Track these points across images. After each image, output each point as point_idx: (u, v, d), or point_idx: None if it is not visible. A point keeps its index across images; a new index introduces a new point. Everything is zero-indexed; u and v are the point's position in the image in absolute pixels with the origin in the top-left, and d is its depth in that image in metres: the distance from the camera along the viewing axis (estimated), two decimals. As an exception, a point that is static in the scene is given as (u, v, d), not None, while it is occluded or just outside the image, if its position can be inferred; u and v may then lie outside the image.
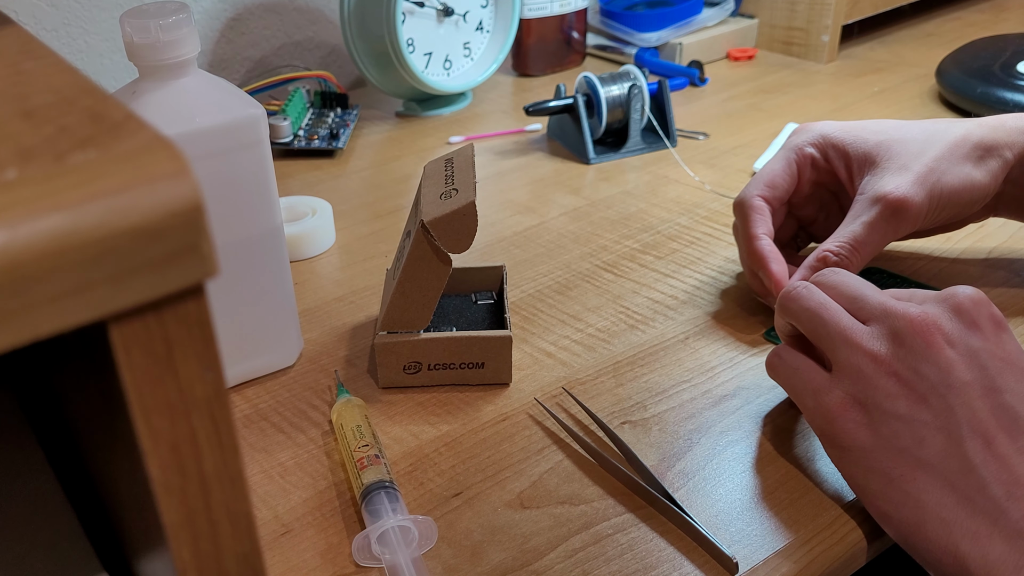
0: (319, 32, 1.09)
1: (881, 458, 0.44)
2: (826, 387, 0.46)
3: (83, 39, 0.93)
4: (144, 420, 0.22)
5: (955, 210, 0.60)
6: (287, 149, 0.90)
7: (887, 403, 0.44)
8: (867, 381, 0.45)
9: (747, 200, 0.61)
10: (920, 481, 0.43)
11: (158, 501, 0.23)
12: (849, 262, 0.57)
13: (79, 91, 0.24)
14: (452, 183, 0.54)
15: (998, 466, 0.41)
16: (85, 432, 0.33)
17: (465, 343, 0.55)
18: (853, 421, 0.45)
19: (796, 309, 0.49)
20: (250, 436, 0.54)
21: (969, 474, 0.42)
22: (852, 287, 0.48)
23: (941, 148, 0.59)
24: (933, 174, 0.58)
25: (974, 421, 0.42)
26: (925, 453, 0.43)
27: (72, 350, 0.27)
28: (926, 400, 0.43)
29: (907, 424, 0.43)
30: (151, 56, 0.48)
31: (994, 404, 0.43)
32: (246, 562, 0.25)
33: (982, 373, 0.43)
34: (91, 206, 0.19)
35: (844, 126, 0.63)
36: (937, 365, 0.43)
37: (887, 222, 0.57)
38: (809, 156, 0.63)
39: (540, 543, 0.46)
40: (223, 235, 0.52)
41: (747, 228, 0.61)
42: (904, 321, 0.45)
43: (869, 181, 0.59)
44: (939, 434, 0.43)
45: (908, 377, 0.44)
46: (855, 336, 0.46)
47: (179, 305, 0.21)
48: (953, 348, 0.44)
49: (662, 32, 1.11)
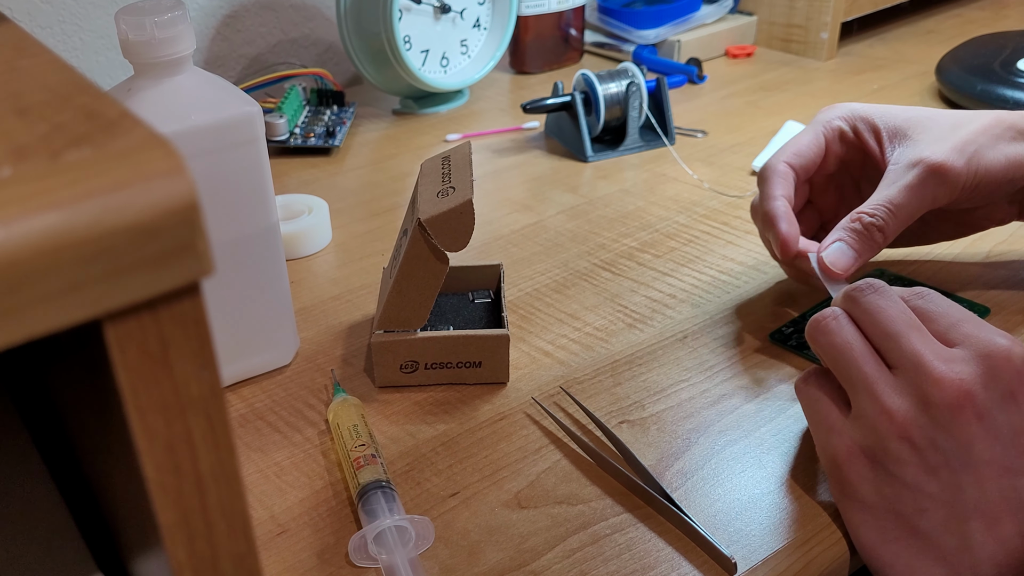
0: (315, 29, 1.09)
1: (878, 515, 0.43)
2: (839, 429, 0.45)
3: (78, 36, 0.93)
4: (139, 419, 0.22)
5: (991, 189, 0.57)
6: (283, 147, 0.90)
7: (894, 466, 0.42)
8: (879, 438, 0.42)
9: (773, 165, 0.59)
10: (914, 547, 0.42)
11: (153, 501, 0.23)
12: (885, 225, 0.54)
13: (74, 89, 0.24)
14: (449, 181, 0.54)
15: (996, 548, 0.40)
16: (80, 431, 0.33)
17: (462, 342, 0.55)
18: (857, 473, 0.43)
19: (824, 344, 0.46)
20: (246, 435, 0.53)
21: (964, 552, 0.40)
22: (888, 320, 0.44)
23: (976, 126, 0.57)
24: (971, 145, 0.56)
25: (982, 502, 0.40)
26: (924, 523, 0.41)
27: (67, 349, 0.27)
28: (936, 472, 0.41)
29: (911, 491, 0.42)
30: (146, 53, 0.48)
31: (1008, 486, 0.41)
32: (242, 562, 0.25)
33: (1004, 452, 0.41)
34: (86, 204, 0.19)
35: (872, 105, 0.61)
36: (958, 440, 0.41)
37: (925, 186, 0.55)
38: (838, 129, 0.61)
39: (538, 543, 0.46)
40: (218, 233, 0.52)
41: (765, 189, 0.59)
42: (935, 387, 0.41)
43: (903, 151, 0.57)
44: (942, 509, 0.41)
45: (923, 445, 0.41)
46: (877, 388, 0.43)
47: (175, 304, 0.21)
48: (980, 422, 0.41)
49: (660, 29, 1.11)
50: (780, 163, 0.60)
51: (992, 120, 0.58)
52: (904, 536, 0.42)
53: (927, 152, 0.55)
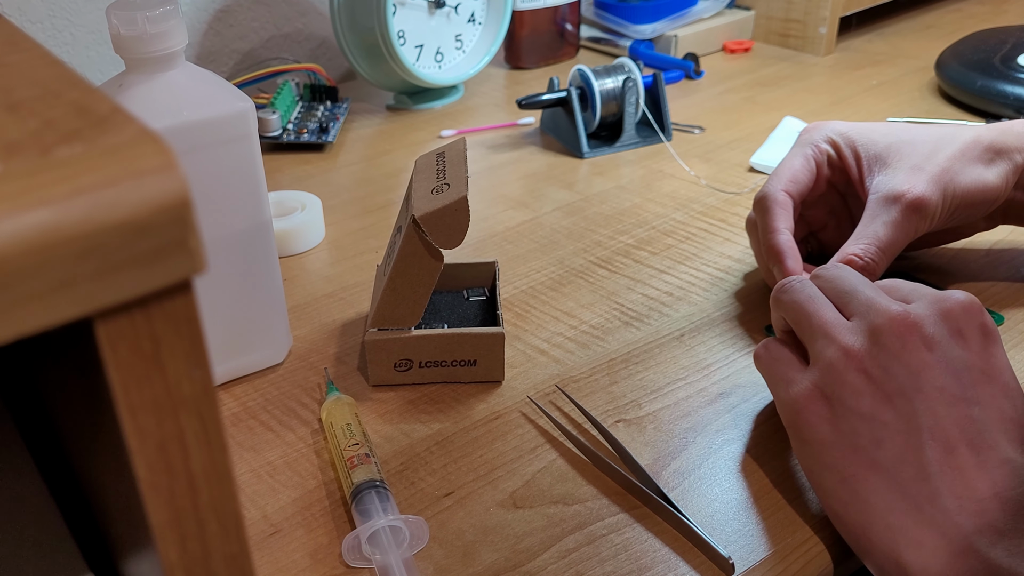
0: (308, 24, 1.08)
1: (836, 454, 0.43)
2: (798, 379, 0.46)
3: (68, 31, 0.92)
4: (131, 418, 0.22)
5: (967, 211, 0.59)
6: (276, 143, 0.89)
7: (851, 399, 0.43)
8: (836, 375, 0.44)
9: (771, 194, 0.60)
10: (872, 482, 0.42)
11: (145, 501, 0.23)
12: (876, 265, 0.56)
13: (65, 84, 0.24)
14: (444, 178, 0.53)
15: (954, 477, 0.40)
16: (71, 431, 0.33)
17: (457, 340, 0.55)
18: (816, 414, 0.44)
19: (786, 301, 0.49)
20: (238, 435, 0.53)
21: (923, 482, 0.40)
22: (847, 281, 0.48)
23: (953, 150, 0.58)
24: (947, 174, 0.57)
25: (936, 429, 0.41)
26: (881, 455, 0.42)
27: (57, 347, 0.27)
28: (891, 401, 0.42)
29: (868, 423, 0.43)
30: (138, 49, 0.48)
31: (962, 415, 0.41)
32: (234, 563, 0.25)
33: (956, 381, 0.42)
34: (77, 201, 0.19)
35: (854, 126, 0.62)
36: (909, 367, 0.42)
37: (909, 221, 0.56)
38: (826, 152, 0.62)
39: (533, 543, 0.45)
40: (211, 230, 0.51)
41: (768, 222, 0.59)
42: (884, 318, 0.44)
43: (881, 180, 0.59)
44: (898, 437, 0.42)
45: (877, 375, 0.43)
46: (833, 329, 0.45)
47: (166, 301, 0.21)
48: (930, 352, 0.43)
49: (657, 24, 1.10)
50: (779, 192, 0.60)
51: (970, 141, 0.59)
52: (862, 471, 0.42)
53: (905, 185, 0.57)
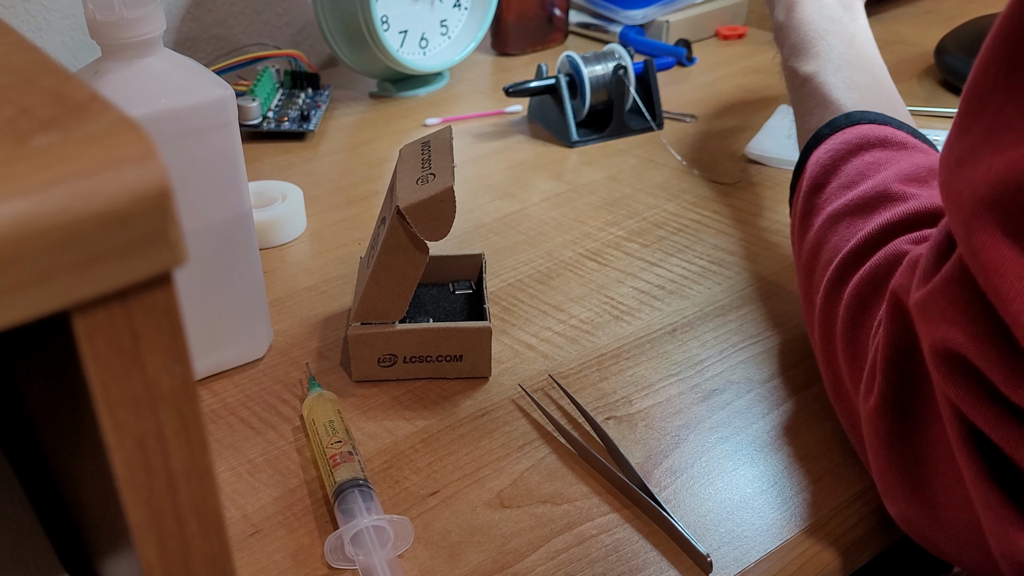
0: (289, 9, 1.07)
1: None
2: None
3: (42, 16, 0.91)
4: (109, 415, 0.22)
5: None
6: (256, 131, 0.89)
7: None
8: None
9: None
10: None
11: (123, 500, 0.23)
12: None
13: (41, 71, 0.23)
14: (429, 167, 0.53)
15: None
16: (46, 428, 0.33)
17: (442, 335, 0.54)
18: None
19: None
20: (218, 432, 0.53)
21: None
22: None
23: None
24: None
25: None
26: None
27: (33, 342, 0.27)
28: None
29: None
30: (115, 34, 0.48)
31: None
32: (215, 563, 0.25)
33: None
34: (54, 191, 0.19)
35: None
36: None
37: None
38: None
39: (521, 544, 0.45)
40: (189, 221, 0.51)
41: None
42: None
43: None
44: None
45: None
46: None
47: (146, 295, 0.21)
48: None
49: (648, 10, 1.09)
50: None
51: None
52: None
53: None
